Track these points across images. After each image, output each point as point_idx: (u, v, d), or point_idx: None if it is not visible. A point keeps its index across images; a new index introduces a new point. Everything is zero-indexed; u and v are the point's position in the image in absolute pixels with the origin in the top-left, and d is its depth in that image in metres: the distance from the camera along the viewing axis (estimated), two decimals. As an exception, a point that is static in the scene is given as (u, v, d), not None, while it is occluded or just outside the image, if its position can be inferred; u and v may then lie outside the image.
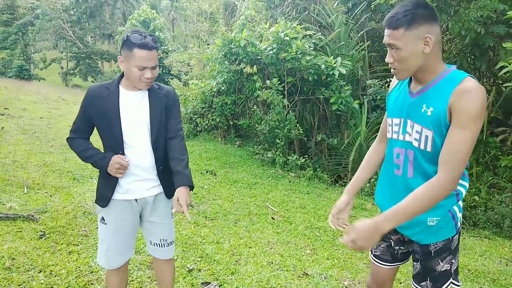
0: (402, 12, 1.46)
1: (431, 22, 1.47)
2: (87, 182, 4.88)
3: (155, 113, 2.06)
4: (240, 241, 3.67)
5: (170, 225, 2.24)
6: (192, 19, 20.04)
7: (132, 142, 2.04)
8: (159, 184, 2.13)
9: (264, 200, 4.97)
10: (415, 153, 1.58)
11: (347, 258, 3.59)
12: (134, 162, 2.05)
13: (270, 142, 7.00)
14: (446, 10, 7.93)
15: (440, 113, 1.47)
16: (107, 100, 2.00)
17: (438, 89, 1.51)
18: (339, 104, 6.90)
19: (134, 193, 2.08)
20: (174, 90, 2.19)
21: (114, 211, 2.08)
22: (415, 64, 1.51)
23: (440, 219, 1.58)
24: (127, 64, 1.95)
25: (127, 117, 2.02)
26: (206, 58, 8.44)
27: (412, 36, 1.46)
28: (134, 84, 2.00)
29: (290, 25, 7.20)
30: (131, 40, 1.91)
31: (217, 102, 8.10)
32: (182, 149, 2.10)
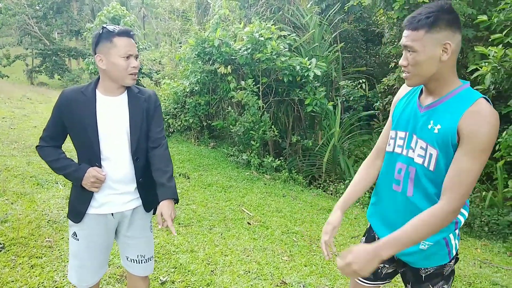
0: (424, 13, 1.38)
1: (454, 29, 1.39)
2: (52, 187, 4.62)
3: (135, 120, 1.90)
4: (215, 249, 3.55)
5: (149, 240, 2.08)
6: (163, 17, 19.68)
7: (110, 152, 1.88)
8: (138, 197, 1.98)
9: (239, 204, 4.86)
10: (417, 170, 1.50)
11: (325, 264, 3.53)
12: (111, 174, 1.89)
13: (245, 144, 6.89)
14: (417, 13, 8.04)
15: (448, 132, 1.39)
16: (83, 107, 1.82)
17: (449, 106, 1.43)
18: (314, 105, 6.87)
19: (110, 207, 1.92)
20: (155, 94, 2.02)
21: (88, 226, 1.91)
22: (429, 71, 1.42)
23: (433, 245, 1.51)
24: (109, 58, 1.78)
25: (105, 126, 1.84)
26: (179, 57, 8.23)
27: (431, 39, 1.38)
28: (121, 80, 1.83)
29: (265, 25, 7.11)
30: (109, 30, 1.77)
31: (190, 102, 7.91)
32: (166, 160, 1.93)
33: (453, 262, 1.58)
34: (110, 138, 1.86)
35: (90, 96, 1.84)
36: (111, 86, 1.87)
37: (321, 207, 5.28)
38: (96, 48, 1.81)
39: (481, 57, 7.87)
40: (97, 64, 1.83)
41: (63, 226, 3.64)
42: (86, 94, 1.84)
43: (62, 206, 4.07)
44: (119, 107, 1.89)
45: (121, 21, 12.82)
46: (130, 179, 1.93)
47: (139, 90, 1.96)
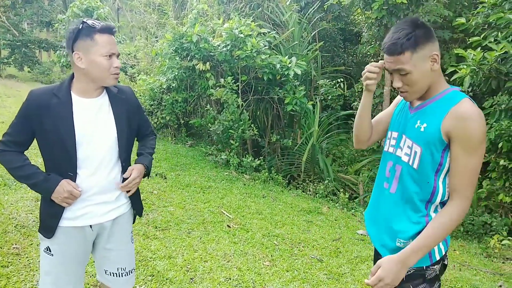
0: (403, 36, 1.44)
1: (432, 39, 1.47)
2: (21, 188, 4.36)
3: (121, 123, 1.77)
4: (194, 255, 3.42)
5: (130, 252, 1.94)
6: (138, 10, 19.18)
7: (90, 160, 1.71)
8: (118, 206, 1.85)
9: (218, 206, 4.74)
10: (402, 168, 1.58)
11: (307, 269, 3.46)
12: (90, 184, 1.72)
13: (224, 143, 6.76)
14: (396, 13, 8.10)
15: (433, 131, 1.46)
16: (56, 110, 1.63)
17: (435, 107, 1.50)
18: (294, 104, 6.80)
19: (88, 218, 1.76)
20: (131, 89, 1.93)
21: (62, 241, 1.74)
22: (426, 84, 1.50)
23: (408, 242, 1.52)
24: (89, 57, 1.62)
25: (84, 131, 1.67)
26: (156, 52, 7.99)
27: (419, 57, 1.44)
28: (101, 81, 1.68)
29: (244, 22, 6.98)
30: (89, 25, 1.60)
31: (167, 99, 7.70)
32: (152, 144, 2.04)
33: (438, 266, 1.56)
34: (91, 145, 1.70)
35: (64, 99, 1.66)
36: (89, 86, 1.71)
37: (301, 208, 5.21)
38: (74, 45, 1.63)
39: (457, 59, 8.01)
40: (74, 63, 1.64)
41: (31, 231, 3.43)
42: (60, 96, 1.66)
43: (31, 209, 3.85)
44: (101, 110, 1.74)
45: (95, 13, 12.41)
46: (112, 188, 1.79)
47: (118, 90, 1.82)
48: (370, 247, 4.20)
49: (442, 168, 1.47)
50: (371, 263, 3.71)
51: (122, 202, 1.87)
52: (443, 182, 1.49)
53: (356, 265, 3.66)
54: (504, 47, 4.63)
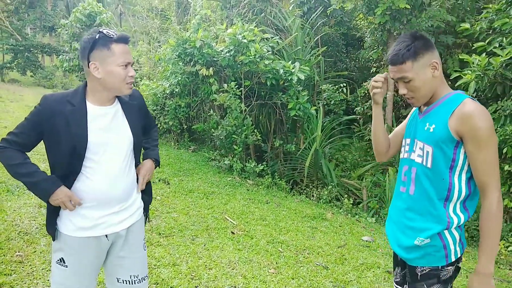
0: (404, 48, 1.59)
1: (431, 48, 1.62)
2: (23, 194, 4.35)
3: (136, 130, 1.82)
4: (199, 262, 3.39)
5: (143, 259, 1.92)
6: (141, 15, 19.25)
7: (106, 169, 1.70)
8: (133, 213, 1.85)
9: (222, 212, 4.71)
10: (417, 169, 1.66)
11: (312, 276, 3.43)
12: (108, 193, 1.71)
13: (227, 148, 6.74)
14: (399, 18, 8.10)
15: (440, 129, 1.57)
16: (71, 118, 1.62)
17: (440, 108, 1.63)
18: (297, 110, 6.78)
19: (105, 228, 1.74)
20: (139, 92, 1.96)
21: (77, 251, 1.71)
22: (429, 89, 1.63)
23: (429, 243, 1.62)
24: (106, 67, 1.62)
25: (98, 140, 1.67)
26: (159, 58, 8.00)
27: (420, 65, 1.59)
28: (117, 90, 1.69)
29: (248, 27, 6.98)
30: (106, 36, 1.60)
31: (170, 104, 7.69)
32: (154, 136, 2.11)
33: (452, 268, 1.64)
34: (107, 154, 1.70)
35: (80, 107, 1.66)
36: (103, 95, 1.71)
37: (305, 214, 5.18)
38: (90, 55, 1.63)
39: (460, 64, 8.00)
40: (89, 73, 1.64)
41: (35, 238, 3.41)
42: (75, 104, 1.66)
43: (35, 215, 3.83)
44: (115, 118, 1.75)
45: (97, 17, 12.46)
46: (128, 194, 1.81)
47: (130, 96, 1.83)
48: (376, 254, 4.16)
49: (456, 165, 1.57)
50: (377, 271, 3.69)
51: (136, 208, 1.88)
52: (459, 178, 1.58)
53: (362, 272, 3.62)
54: (509, 53, 4.61)
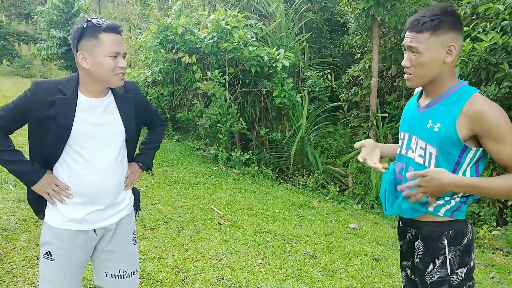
0: (428, 16, 1.42)
1: (457, 31, 1.44)
2: (1, 188, 4.20)
3: (129, 123, 1.76)
4: (185, 254, 3.33)
5: (133, 253, 1.88)
6: (121, 1, 18.75)
7: (96, 162, 1.67)
8: (122, 208, 1.81)
9: (208, 202, 4.64)
10: (416, 169, 1.52)
11: (300, 265, 3.41)
12: (98, 187, 1.68)
13: (212, 137, 6.64)
14: (383, 4, 8.06)
15: (447, 130, 1.43)
16: (60, 106, 1.57)
17: (445, 105, 1.47)
18: (282, 97, 6.72)
19: (93, 222, 1.70)
20: (133, 82, 1.88)
21: (65, 245, 1.67)
22: (432, 72, 1.46)
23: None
24: (94, 57, 1.56)
25: (85, 132, 1.63)
26: (140, 45, 7.79)
27: (436, 42, 1.42)
28: (106, 82, 1.62)
29: (231, 13, 6.83)
30: (94, 24, 1.53)
31: (153, 93, 7.52)
32: (158, 135, 2.06)
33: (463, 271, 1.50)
34: (98, 147, 1.66)
35: (70, 96, 1.60)
36: (94, 87, 1.65)
37: (292, 203, 5.16)
38: (78, 45, 1.57)
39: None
40: (78, 63, 1.59)
41: (14, 234, 3.29)
42: (66, 93, 1.60)
43: (14, 210, 3.70)
44: (107, 111, 1.69)
45: (75, 4, 12.07)
46: (119, 189, 1.78)
47: (125, 89, 1.76)
48: (363, 242, 4.17)
49: (459, 167, 1.46)
50: (365, 258, 3.69)
51: (126, 203, 1.85)
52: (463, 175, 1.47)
53: (349, 260, 3.62)
54: (493, 38, 4.61)
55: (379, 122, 8.97)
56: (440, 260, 1.49)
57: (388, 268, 3.53)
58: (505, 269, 3.97)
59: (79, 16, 12.18)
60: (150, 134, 2.05)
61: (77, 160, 1.65)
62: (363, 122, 9.77)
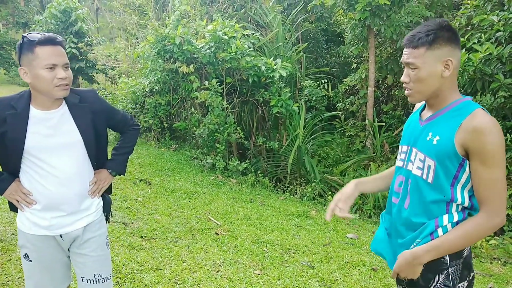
0: (424, 31, 1.43)
1: (453, 45, 1.44)
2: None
3: (86, 132, 1.77)
4: (182, 265, 3.31)
5: (105, 257, 1.93)
6: (118, 11, 18.84)
7: (55, 172, 1.71)
8: (89, 214, 1.85)
9: (205, 212, 4.63)
10: (416, 182, 1.53)
11: (298, 276, 3.39)
12: (58, 195, 1.73)
13: (209, 147, 6.64)
14: (379, 14, 8.13)
15: (446, 144, 1.42)
16: (10, 122, 1.62)
17: (446, 118, 1.46)
18: (280, 106, 6.74)
19: (57, 228, 1.77)
20: (95, 92, 1.89)
21: (37, 248, 1.77)
22: (431, 87, 1.46)
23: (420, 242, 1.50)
24: (32, 71, 1.59)
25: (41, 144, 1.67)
26: (137, 55, 7.81)
27: (432, 56, 1.42)
28: (48, 94, 1.63)
29: (228, 24, 6.88)
30: (29, 39, 1.57)
31: (150, 102, 7.53)
32: (127, 139, 2.05)
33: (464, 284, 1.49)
34: (55, 157, 1.70)
35: (21, 111, 1.65)
36: (44, 100, 1.68)
37: (289, 212, 5.15)
38: (20, 60, 1.62)
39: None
40: (22, 77, 1.64)
41: (10, 245, 3.27)
42: (17, 108, 1.64)
43: (10, 221, 3.68)
44: (61, 121, 1.72)
45: (73, 13, 12.13)
46: (82, 197, 1.81)
47: (80, 98, 1.78)
48: (361, 252, 4.16)
49: (457, 181, 1.44)
50: (363, 268, 3.68)
51: (93, 210, 1.88)
52: (461, 192, 1.45)
53: (347, 270, 3.61)
54: (488, 49, 4.66)
55: (375, 131, 9.00)
56: (443, 276, 1.48)
57: (386, 279, 3.51)
58: (503, 279, 3.97)
59: (76, 25, 12.25)
60: (121, 139, 2.06)
61: (36, 170, 1.70)
62: (359, 131, 9.79)
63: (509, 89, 5.08)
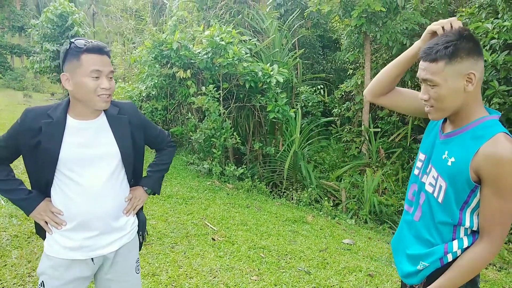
0: (442, 43, 1.29)
1: (475, 57, 1.30)
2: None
3: (125, 144, 1.68)
4: (179, 271, 3.30)
5: (135, 282, 1.80)
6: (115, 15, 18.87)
7: (90, 184, 1.60)
8: (123, 235, 1.72)
9: (202, 218, 4.62)
10: (428, 198, 1.47)
11: (295, 282, 3.39)
12: (92, 210, 1.61)
13: (206, 152, 6.65)
14: (375, 21, 8.21)
15: (460, 168, 1.34)
16: (47, 131, 1.54)
17: (465, 139, 1.36)
18: (276, 112, 6.76)
19: (90, 251, 1.64)
20: (131, 103, 1.81)
21: (60, 274, 1.61)
22: (454, 104, 1.34)
23: (429, 266, 1.46)
24: (75, 78, 1.53)
25: (77, 155, 1.59)
26: (134, 60, 7.82)
27: (453, 71, 1.30)
28: (90, 103, 1.57)
29: (225, 29, 6.91)
30: (76, 46, 1.52)
31: (147, 107, 7.54)
32: (163, 157, 1.97)
33: None
34: (91, 169, 1.60)
35: (57, 120, 1.57)
36: (83, 109, 1.61)
37: (286, 218, 5.15)
38: (63, 66, 1.56)
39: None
40: (63, 85, 1.58)
41: (5, 250, 3.24)
42: (53, 118, 1.57)
43: (5, 226, 3.65)
44: (99, 132, 1.63)
45: (69, 18, 12.12)
46: (115, 214, 1.69)
47: (119, 109, 1.70)
48: (357, 257, 4.17)
49: (467, 206, 1.37)
50: (359, 274, 3.68)
51: (127, 230, 1.75)
52: (471, 216, 1.38)
53: (344, 276, 3.61)
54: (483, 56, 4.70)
55: (371, 137, 9.05)
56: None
57: (383, 284, 3.52)
58: (498, 284, 3.99)
59: (73, 29, 12.24)
60: (157, 156, 1.96)
61: (67, 184, 1.60)
62: (355, 136, 9.84)
63: (504, 96, 5.14)
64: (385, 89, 1.64)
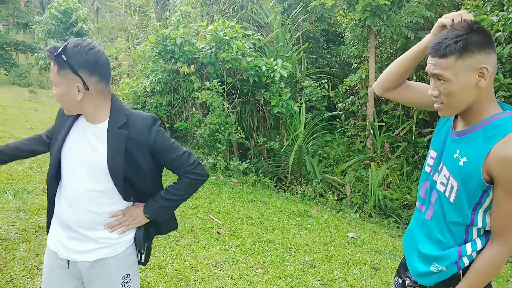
0: (452, 37, 1.24)
1: (487, 50, 1.25)
2: (0, 198, 4.19)
3: (115, 156, 1.54)
4: (185, 264, 3.33)
5: None
6: (118, 11, 18.88)
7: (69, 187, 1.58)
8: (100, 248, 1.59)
9: (207, 212, 4.66)
10: (439, 197, 1.44)
11: (299, 275, 3.42)
12: (66, 212, 1.58)
13: (211, 146, 6.67)
14: (379, 15, 8.16)
15: (472, 169, 1.30)
16: (61, 124, 1.66)
17: (478, 138, 1.31)
18: (280, 107, 6.77)
19: (65, 252, 1.60)
20: (146, 119, 1.59)
21: (48, 263, 1.68)
22: (466, 100, 1.29)
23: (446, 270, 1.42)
24: None
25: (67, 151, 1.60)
26: (138, 55, 7.84)
27: (464, 66, 1.24)
28: None
29: (229, 24, 6.91)
30: None
31: (151, 103, 7.55)
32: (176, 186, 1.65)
33: None
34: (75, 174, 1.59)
35: (69, 117, 1.64)
36: None
37: (290, 212, 5.18)
38: None
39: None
40: None
41: (14, 244, 3.29)
42: None
43: (13, 220, 3.69)
44: (93, 137, 1.58)
45: (73, 14, 12.15)
46: (93, 224, 1.59)
47: (126, 122, 1.56)
48: (361, 251, 4.19)
49: (480, 206, 1.34)
50: (363, 267, 3.71)
51: (108, 244, 1.61)
52: (483, 216, 1.36)
53: (348, 269, 3.64)
54: (488, 49, 4.68)
55: (376, 131, 9.03)
56: None
57: (387, 277, 3.54)
58: (503, 277, 4.00)
59: (77, 26, 12.28)
60: (174, 183, 1.69)
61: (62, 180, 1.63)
62: (360, 131, 9.82)
63: (509, 89, 5.11)
64: (394, 83, 1.60)
